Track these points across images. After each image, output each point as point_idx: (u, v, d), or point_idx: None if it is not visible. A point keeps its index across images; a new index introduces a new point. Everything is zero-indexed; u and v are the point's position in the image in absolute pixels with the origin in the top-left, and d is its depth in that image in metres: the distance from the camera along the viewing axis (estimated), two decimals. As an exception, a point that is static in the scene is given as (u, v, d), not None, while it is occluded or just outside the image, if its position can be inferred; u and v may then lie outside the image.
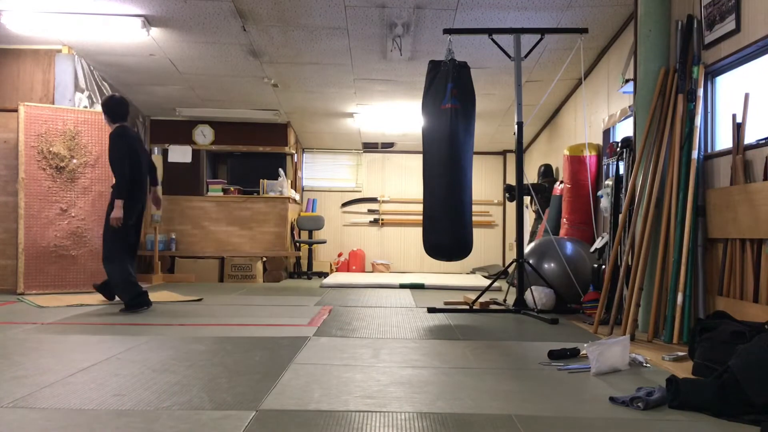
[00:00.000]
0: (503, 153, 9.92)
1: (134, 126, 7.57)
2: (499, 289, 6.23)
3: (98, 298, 5.08)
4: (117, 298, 4.77)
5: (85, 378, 2.49)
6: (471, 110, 4.65)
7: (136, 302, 4.52)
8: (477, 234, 6.30)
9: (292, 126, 8.58)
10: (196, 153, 8.17)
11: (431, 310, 4.79)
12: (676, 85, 3.74)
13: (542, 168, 7.45)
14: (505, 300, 5.31)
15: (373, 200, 9.93)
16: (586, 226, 5.63)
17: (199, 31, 5.40)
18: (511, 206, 9.12)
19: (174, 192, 7.82)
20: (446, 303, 5.29)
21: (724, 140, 3.60)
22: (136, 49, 5.81)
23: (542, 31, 4.89)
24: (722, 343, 2.51)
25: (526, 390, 2.41)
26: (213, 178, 8.55)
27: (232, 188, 8.07)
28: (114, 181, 4.55)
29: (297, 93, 7.13)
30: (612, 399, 2.25)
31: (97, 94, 6.40)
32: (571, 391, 2.41)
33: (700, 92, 3.60)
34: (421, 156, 4.80)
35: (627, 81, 4.80)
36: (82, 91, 6.07)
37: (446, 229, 4.53)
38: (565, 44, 5.51)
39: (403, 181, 9.93)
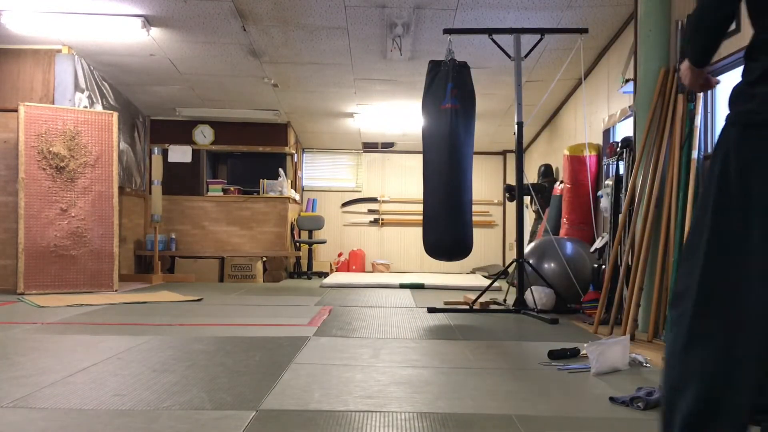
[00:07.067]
0: (503, 153, 9.92)
1: (134, 126, 7.58)
2: (499, 289, 6.23)
3: (98, 298, 5.06)
4: None
5: (85, 378, 2.48)
6: (471, 110, 4.66)
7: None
8: (477, 234, 6.29)
9: (292, 126, 8.58)
10: (196, 153, 8.17)
11: (431, 310, 4.79)
12: (676, 85, 3.74)
13: (542, 168, 7.45)
14: (505, 300, 5.30)
15: (373, 200, 9.93)
16: (586, 226, 5.63)
17: (199, 31, 5.39)
18: (511, 206, 9.12)
19: (174, 192, 7.82)
20: (446, 303, 5.29)
21: (724, 140, 3.60)
22: (136, 49, 5.81)
23: (542, 31, 4.89)
24: (722, 343, 2.50)
25: (526, 390, 2.41)
26: (213, 178, 8.55)
27: (232, 188, 8.07)
28: None
29: (297, 93, 7.13)
30: (612, 399, 2.25)
31: (97, 94, 6.40)
32: (571, 391, 2.41)
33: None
34: (421, 156, 4.80)
35: (627, 81, 4.80)
36: (82, 91, 6.07)
37: (446, 229, 4.54)
38: (565, 44, 5.50)
39: (403, 181, 9.93)
